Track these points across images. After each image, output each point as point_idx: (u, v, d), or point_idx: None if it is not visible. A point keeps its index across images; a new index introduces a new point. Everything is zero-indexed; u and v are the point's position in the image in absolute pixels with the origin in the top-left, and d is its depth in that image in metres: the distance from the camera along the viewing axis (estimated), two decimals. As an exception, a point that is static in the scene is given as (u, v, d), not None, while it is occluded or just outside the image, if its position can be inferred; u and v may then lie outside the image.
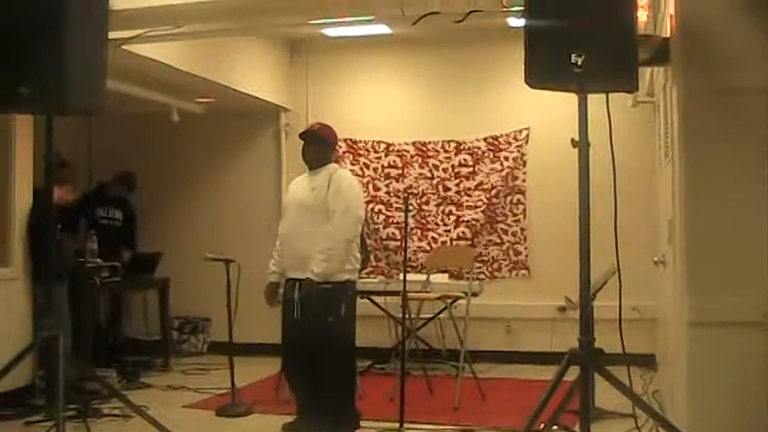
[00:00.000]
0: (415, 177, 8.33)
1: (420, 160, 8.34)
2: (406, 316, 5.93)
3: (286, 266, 5.04)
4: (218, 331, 8.17)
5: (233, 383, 5.97)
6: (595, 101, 3.80)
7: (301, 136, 5.15)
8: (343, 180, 5.02)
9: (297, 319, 4.87)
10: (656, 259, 5.51)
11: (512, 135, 8.12)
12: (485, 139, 8.19)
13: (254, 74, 8.01)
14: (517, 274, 8.12)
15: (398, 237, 8.22)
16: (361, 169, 8.39)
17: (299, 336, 4.91)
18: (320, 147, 5.09)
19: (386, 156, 8.42)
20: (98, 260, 6.93)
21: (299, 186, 5.12)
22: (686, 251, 3.82)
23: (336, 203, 4.90)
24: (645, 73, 5.89)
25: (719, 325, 3.66)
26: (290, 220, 5.03)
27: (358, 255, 5.08)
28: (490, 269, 8.15)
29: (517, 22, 5.77)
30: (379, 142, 8.44)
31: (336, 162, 8.21)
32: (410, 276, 5.81)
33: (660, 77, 5.33)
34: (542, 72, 3.59)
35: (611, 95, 3.75)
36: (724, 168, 3.73)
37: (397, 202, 8.27)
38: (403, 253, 5.36)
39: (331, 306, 4.90)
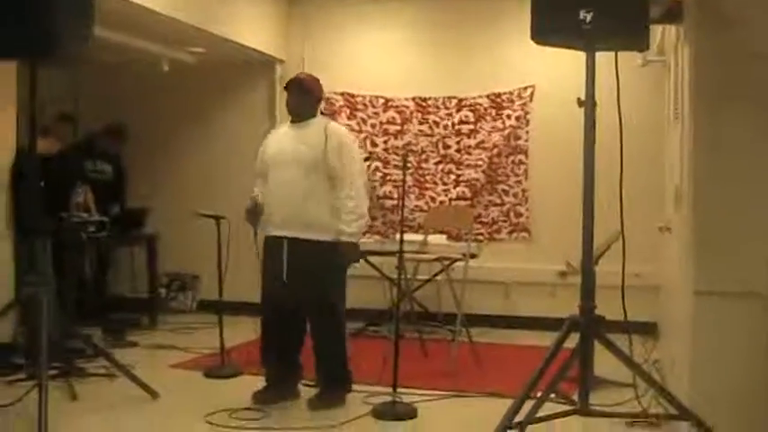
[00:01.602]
0: (415, 134, 8.30)
1: (420, 116, 8.31)
2: (402, 277, 5.93)
3: (270, 223, 4.96)
4: (207, 289, 8.20)
5: (222, 344, 5.99)
6: (603, 59, 3.78)
7: (287, 86, 5.09)
8: (342, 135, 4.98)
9: (284, 277, 4.83)
10: (661, 225, 5.51)
11: (515, 93, 8.08)
12: (487, 96, 8.14)
13: (249, 24, 7.94)
14: (517, 237, 8.13)
15: (396, 195, 8.21)
16: (359, 124, 8.36)
17: (289, 298, 4.88)
18: (307, 97, 5.04)
19: (384, 111, 8.38)
20: (83, 214, 6.92)
21: (286, 139, 5.01)
22: (694, 217, 3.82)
23: (346, 160, 4.85)
24: (655, 31, 5.84)
25: (726, 294, 3.67)
26: (281, 174, 4.92)
27: None
28: (489, 231, 8.16)
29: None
30: (377, 97, 8.39)
31: (333, 116, 8.28)
32: (407, 236, 5.80)
33: (672, 36, 5.29)
34: (549, 28, 3.57)
35: (619, 54, 3.72)
36: (735, 132, 3.71)
37: (395, 160, 8.25)
38: (400, 212, 5.34)
39: (327, 265, 4.89)
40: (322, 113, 8.16)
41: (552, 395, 3.83)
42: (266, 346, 5.09)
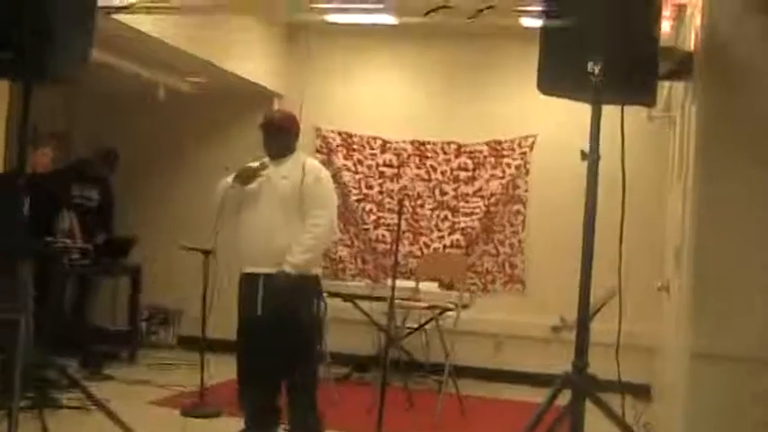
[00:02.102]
0: (411, 178, 8.32)
1: (417, 160, 8.33)
2: (391, 324, 5.91)
3: (244, 259, 4.95)
4: (190, 325, 8.13)
5: (202, 382, 5.95)
6: (607, 112, 3.79)
7: (262, 127, 5.10)
8: (319, 171, 5.00)
9: (260, 315, 4.81)
10: (659, 285, 5.50)
11: (516, 141, 8.11)
12: (487, 144, 8.18)
13: (249, 56, 7.98)
14: (511, 289, 8.11)
15: (389, 240, 8.20)
16: (355, 165, 8.37)
17: (264, 334, 4.84)
18: (282, 136, 5.07)
19: (382, 153, 8.41)
20: (68, 240, 6.89)
21: (265, 174, 5.03)
22: (693, 278, 3.81)
23: (317, 195, 4.86)
24: (662, 87, 5.88)
25: (725, 359, 3.64)
26: (256, 209, 4.93)
27: None
28: (483, 281, 8.14)
29: (532, 23, 5.76)
30: (375, 138, 8.42)
31: (329, 155, 8.29)
32: (398, 282, 5.78)
33: (679, 93, 5.32)
34: (556, 78, 3.57)
35: (626, 108, 3.73)
36: (739, 194, 3.71)
37: (390, 203, 8.25)
38: (393, 257, 5.33)
39: (303, 301, 4.85)
40: (318, 152, 8.25)
41: (540, 454, 3.78)
42: (244, 385, 5.03)
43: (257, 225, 4.88)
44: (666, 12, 4.18)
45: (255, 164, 4.98)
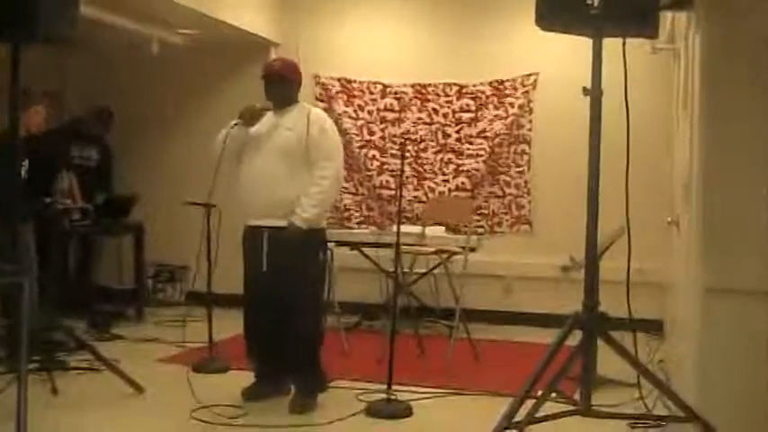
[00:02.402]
0: (413, 122, 8.28)
1: (419, 104, 8.28)
2: (399, 270, 5.92)
3: (247, 211, 4.95)
4: (196, 280, 8.16)
5: (211, 337, 5.99)
6: (610, 46, 3.76)
7: (264, 77, 5.04)
8: (324, 121, 4.96)
9: (265, 271, 4.82)
10: (669, 219, 5.50)
11: (518, 80, 8.06)
12: (489, 84, 8.12)
13: (242, 5, 7.90)
14: (519, 230, 8.12)
15: (393, 185, 8.20)
16: (356, 111, 8.33)
17: (269, 289, 4.86)
18: (285, 86, 5.02)
19: (382, 98, 8.36)
20: (67, 201, 6.90)
21: (267, 124, 4.99)
22: (703, 212, 3.80)
23: (323, 147, 4.84)
24: (665, 18, 5.81)
25: (737, 293, 3.65)
26: (259, 159, 4.90)
27: None
28: (490, 223, 8.15)
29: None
30: (375, 83, 8.37)
31: (329, 102, 8.25)
32: (404, 228, 5.79)
33: (682, 23, 5.27)
34: (555, 13, 3.55)
35: (627, 41, 3.70)
36: (747, 126, 3.69)
37: (392, 148, 8.23)
38: (397, 203, 5.33)
39: (308, 254, 4.87)
40: (317, 99, 8.21)
41: (553, 394, 3.81)
42: (251, 340, 5.07)
43: (261, 176, 4.86)
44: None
45: (258, 105, 4.96)
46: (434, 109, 8.24)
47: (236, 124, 4.95)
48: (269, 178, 4.83)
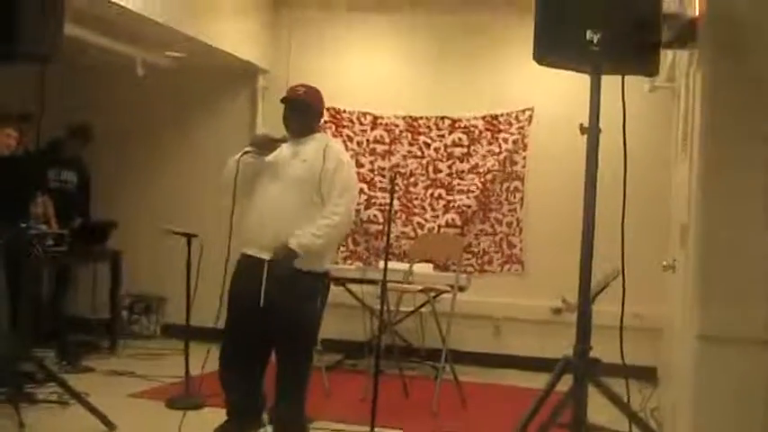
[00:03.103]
0: (404, 155, 8.30)
1: (410, 137, 8.31)
2: (384, 308, 5.90)
3: (251, 242, 4.86)
4: (173, 313, 8.13)
5: (187, 372, 5.94)
6: (608, 83, 3.78)
7: (285, 101, 4.98)
8: (340, 154, 4.89)
9: (260, 305, 4.74)
10: (665, 263, 5.51)
11: (513, 115, 8.10)
12: (483, 118, 8.16)
13: (231, 29, 7.93)
14: (510, 269, 8.11)
15: (381, 220, 8.20)
16: (344, 142, 8.34)
17: (259, 324, 4.79)
18: (307, 115, 4.95)
19: (372, 129, 8.38)
20: (42, 226, 6.86)
21: (282, 154, 4.93)
22: (700, 257, 3.80)
23: (336, 181, 4.77)
24: (665, 55, 5.86)
25: (733, 341, 3.64)
26: (274, 191, 4.83)
27: None
28: (480, 262, 8.15)
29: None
30: (365, 114, 8.40)
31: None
32: (391, 264, 5.77)
33: (683, 62, 5.31)
34: (553, 48, 3.57)
35: (627, 78, 3.72)
36: (748, 169, 3.70)
37: (381, 182, 8.24)
38: (385, 238, 5.32)
39: (308, 297, 4.80)
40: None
41: (542, 442, 3.79)
42: (228, 376, 4.98)
43: (273, 207, 4.75)
44: (669, -24, 4.15)
45: (274, 135, 4.88)
46: (426, 142, 8.27)
47: (247, 152, 4.86)
48: (281, 210, 4.73)
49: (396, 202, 8.03)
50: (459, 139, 8.20)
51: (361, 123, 8.41)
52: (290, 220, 4.69)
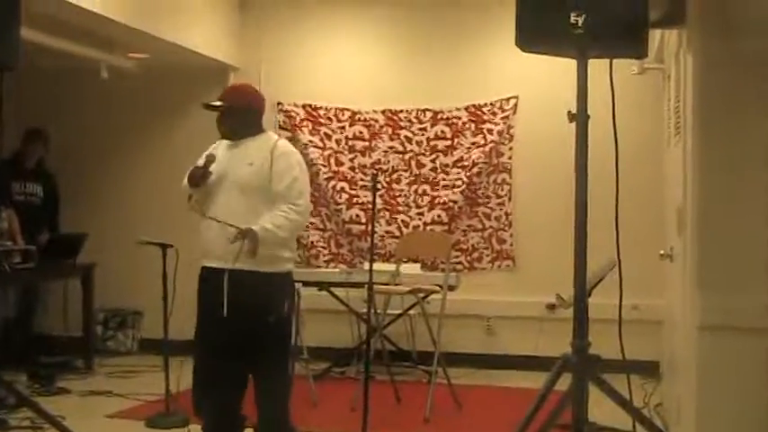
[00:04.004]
0: (385, 151, 8.30)
1: (390, 131, 8.31)
2: (372, 312, 5.91)
3: (208, 254, 4.81)
4: (151, 327, 8.10)
5: (167, 389, 5.93)
6: (596, 67, 3.79)
7: (209, 108, 4.85)
8: (290, 155, 4.83)
9: (225, 317, 4.69)
10: (662, 252, 5.53)
11: (497, 104, 8.11)
12: (466, 109, 8.17)
13: (197, 27, 7.92)
14: (500, 266, 8.13)
15: (364, 220, 8.20)
16: (322, 140, 8.35)
17: (227, 336, 4.74)
18: (244, 115, 4.89)
19: (351, 125, 8.38)
20: (7, 243, 6.83)
21: (224, 160, 4.85)
22: (698, 243, 3.83)
23: (287, 184, 4.72)
24: (654, 36, 5.89)
25: (734, 329, 3.67)
26: (220, 200, 4.78)
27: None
28: (469, 259, 8.16)
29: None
30: (342, 110, 8.39)
31: (293, 131, 8.26)
32: (377, 266, 5.77)
33: (673, 42, 5.33)
34: (536, 33, 3.57)
35: (614, 62, 3.73)
36: (743, 149, 3.73)
37: (363, 180, 8.24)
38: (369, 239, 5.32)
39: (273, 301, 4.77)
40: (281, 128, 8.22)
41: (542, 445, 3.80)
42: (201, 395, 4.92)
43: (219, 215, 4.75)
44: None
45: (201, 161, 4.84)
46: (407, 137, 8.27)
47: (190, 195, 4.85)
48: (230, 216, 4.72)
49: (379, 201, 8.00)
50: (442, 131, 8.22)
51: (338, 120, 8.40)
52: (241, 224, 4.65)
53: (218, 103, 4.86)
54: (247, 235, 4.54)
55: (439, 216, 8.14)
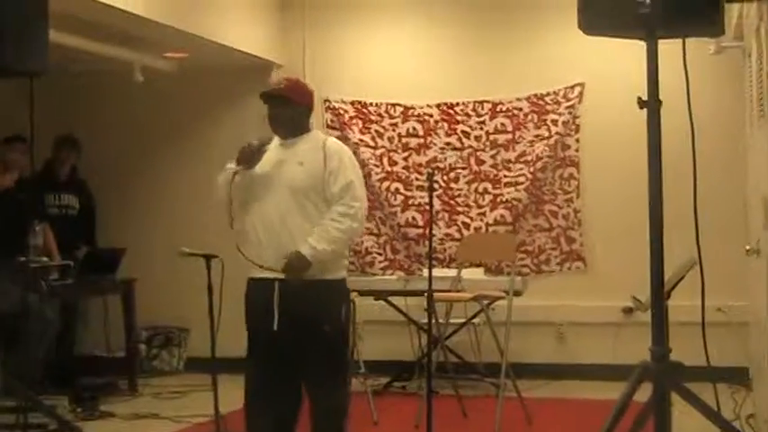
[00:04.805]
0: (441, 148, 8.30)
1: (446, 127, 8.30)
2: (432, 321, 5.90)
3: (252, 262, 4.81)
4: (197, 344, 8.16)
5: (217, 409, 5.95)
6: (667, 48, 3.75)
7: (265, 97, 4.88)
8: (343, 153, 4.85)
9: (276, 330, 4.70)
10: (748, 247, 5.46)
11: (561, 93, 8.07)
12: (527, 99, 8.14)
13: (237, 22, 7.96)
14: (570, 268, 8.08)
15: (421, 222, 8.19)
16: (374, 139, 8.36)
17: (280, 351, 4.74)
18: (296, 109, 4.91)
19: (404, 122, 8.39)
20: (44, 259, 6.92)
21: (274, 160, 4.88)
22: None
23: (342, 185, 4.71)
24: (731, 10, 5.81)
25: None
26: (269, 203, 4.78)
27: None
28: (536, 261, 8.12)
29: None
30: (394, 105, 8.40)
31: (343, 130, 8.27)
32: (436, 272, 5.77)
33: (753, 15, 5.26)
34: (600, 14, 3.54)
35: (687, 41, 3.69)
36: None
37: (418, 180, 8.24)
38: (427, 243, 5.32)
39: (328, 309, 4.77)
40: (329, 127, 8.24)
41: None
42: (254, 415, 4.93)
43: (268, 221, 4.75)
44: None
45: (255, 141, 4.86)
46: (465, 132, 8.26)
47: (235, 172, 4.84)
48: (279, 223, 4.72)
49: (436, 202, 8.01)
50: (502, 124, 8.19)
51: (390, 116, 8.41)
52: (296, 234, 4.65)
53: (282, 86, 4.91)
54: (295, 262, 4.57)
55: (502, 216, 8.11)
